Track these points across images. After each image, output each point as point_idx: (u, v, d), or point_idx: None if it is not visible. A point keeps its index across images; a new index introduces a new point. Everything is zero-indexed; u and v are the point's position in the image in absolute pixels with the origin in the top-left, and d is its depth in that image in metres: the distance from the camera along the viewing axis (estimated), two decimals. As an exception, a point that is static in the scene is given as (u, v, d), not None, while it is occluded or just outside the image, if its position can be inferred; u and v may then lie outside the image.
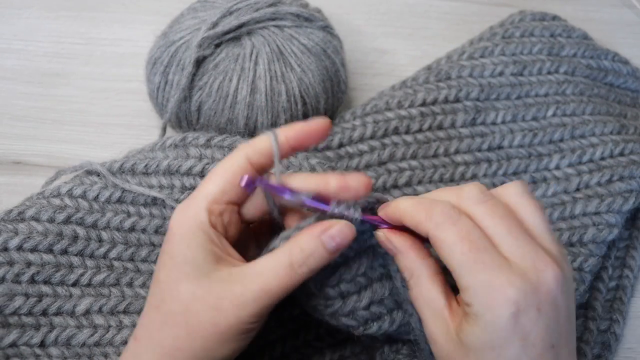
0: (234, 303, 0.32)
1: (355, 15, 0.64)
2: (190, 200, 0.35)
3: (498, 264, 0.30)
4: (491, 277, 0.30)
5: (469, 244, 0.31)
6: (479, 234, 0.31)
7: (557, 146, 0.52)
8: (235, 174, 0.34)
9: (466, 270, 0.31)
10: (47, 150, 0.54)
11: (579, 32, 0.57)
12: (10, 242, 0.40)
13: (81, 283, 0.42)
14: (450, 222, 0.31)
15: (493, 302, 0.30)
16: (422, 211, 0.32)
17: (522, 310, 0.30)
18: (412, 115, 0.51)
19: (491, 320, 0.30)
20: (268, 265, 0.33)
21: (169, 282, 0.33)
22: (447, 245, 0.31)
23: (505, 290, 0.30)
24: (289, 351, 0.44)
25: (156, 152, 0.45)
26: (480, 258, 0.30)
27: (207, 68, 0.48)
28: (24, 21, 0.61)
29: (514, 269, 0.30)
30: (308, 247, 0.33)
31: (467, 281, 0.31)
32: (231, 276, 0.33)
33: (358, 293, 0.37)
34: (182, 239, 0.33)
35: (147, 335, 0.34)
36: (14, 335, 0.39)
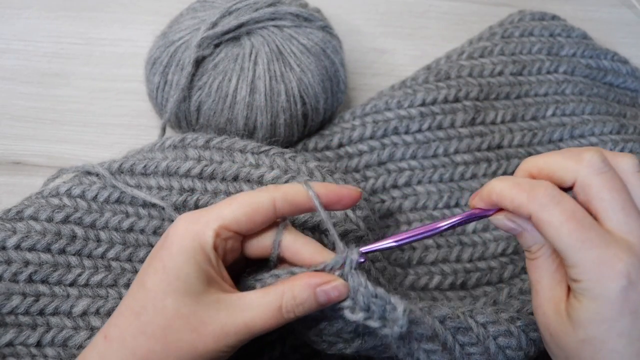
0: (216, 331, 0.32)
1: (354, 15, 0.64)
2: (200, 216, 0.34)
3: (606, 240, 0.31)
4: (600, 253, 0.30)
5: (575, 223, 0.31)
6: (583, 212, 0.32)
7: (557, 146, 0.52)
8: (256, 211, 0.34)
9: (575, 248, 0.31)
10: (47, 150, 0.54)
11: (578, 32, 0.57)
12: (8, 241, 0.40)
13: (79, 283, 0.42)
14: (554, 202, 0.32)
15: (603, 277, 0.30)
16: (523, 192, 0.32)
17: (632, 284, 0.30)
18: (412, 115, 0.51)
19: (602, 294, 0.30)
20: (257, 302, 0.33)
21: (156, 292, 0.33)
22: (554, 226, 0.31)
23: (615, 264, 0.30)
24: (289, 351, 0.44)
25: (155, 152, 0.45)
26: (588, 236, 0.31)
27: (206, 68, 0.48)
28: (24, 21, 0.61)
29: (620, 244, 0.31)
30: (300, 296, 0.33)
31: (576, 259, 0.31)
32: (219, 303, 0.33)
33: (344, 342, 0.36)
34: (181, 252, 0.33)
35: (120, 338, 0.33)
36: (10, 335, 0.39)
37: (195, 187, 0.43)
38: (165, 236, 0.34)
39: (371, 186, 0.49)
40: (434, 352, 0.36)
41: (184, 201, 0.43)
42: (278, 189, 0.35)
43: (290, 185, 0.35)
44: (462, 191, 0.50)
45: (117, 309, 0.34)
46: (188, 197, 0.43)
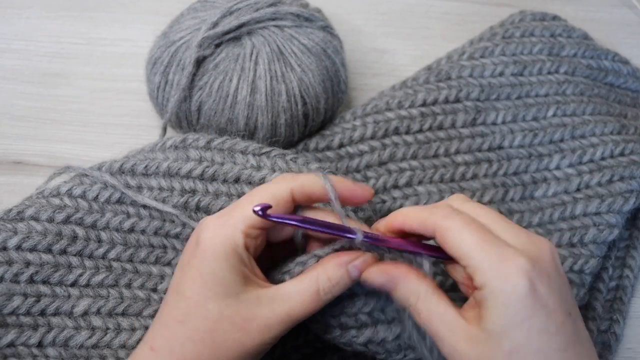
0: (260, 326, 0.33)
1: (355, 15, 0.64)
2: (228, 218, 0.35)
3: (503, 242, 0.32)
4: (500, 251, 0.31)
5: (475, 226, 0.33)
6: (480, 222, 0.33)
7: (558, 146, 0.51)
8: (277, 204, 0.35)
9: (477, 249, 0.32)
10: (47, 150, 0.54)
11: (579, 32, 0.57)
12: (9, 241, 0.40)
13: (80, 283, 0.42)
14: (455, 213, 0.34)
15: (508, 274, 0.31)
16: (426, 210, 0.34)
17: (536, 278, 0.31)
18: (413, 115, 0.51)
19: (511, 293, 0.30)
20: (295, 291, 0.34)
21: (196, 299, 0.33)
22: (456, 230, 0.33)
23: (516, 260, 0.31)
24: (289, 351, 0.44)
25: (156, 152, 0.45)
26: (487, 238, 0.32)
27: (207, 68, 0.48)
28: (24, 21, 0.61)
29: (515, 246, 0.32)
30: (335, 276, 0.34)
31: (479, 260, 0.32)
32: (259, 299, 0.34)
33: (358, 329, 0.37)
34: (214, 257, 0.34)
35: (167, 348, 0.34)
36: (11, 335, 0.39)
37: (197, 189, 0.43)
38: (196, 244, 0.34)
39: (372, 186, 0.49)
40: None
41: (185, 202, 0.43)
42: (295, 179, 0.36)
43: (307, 176, 0.36)
44: (463, 191, 0.50)
45: (157, 321, 0.35)
46: (189, 199, 0.43)
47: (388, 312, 0.37)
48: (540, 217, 0.49)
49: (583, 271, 0.45)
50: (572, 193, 0.49)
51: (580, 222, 0.48)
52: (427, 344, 0.36)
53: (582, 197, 0.49)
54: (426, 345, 0.36)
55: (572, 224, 0.48)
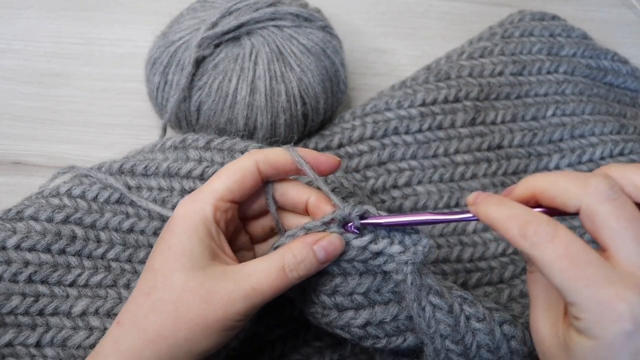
0: (224, 299, 0.33)
1: (354, 15, 0.64)
2: (197, 195, 0.36)
3: (605, 276, 0.28)
4: (597, 292, 0.28)
5: (569, 260, 0.28)
6: (581, 246, 0.29)
7: (557, 146, 0.51)
8: (244, 177, 0.36)
9: (569, 288, 0.28)
10: (47, 151, 0.54)
11: (578, 32, 0.57)
12: (8, 241, 0.40)
13: (78, 283, 0.42)
14: (547, 239, 0.29)
15: (602, 318, 0.27)
16: (515, 226, 0.30)
17: (637, 327, 0.27)
18: (412, 115, 0.51)
19: (600, 335, 0.28)
20: (261, 266, 0.34)
21: (163, 271, 0.34)
22: (546, 264, 0.29)
23: (615, 305, 0.27)
24: (289, 351, 0.44)
25: (156, 153, 0.45)
26: (583, 274, 0.28)
27: (206, 68, 0.48)
28: (24, 21, 0.61)
29: (626, 281, 0.28)
30: (300, 254, 0.35)
31: (572, 299, 0.28)
32: (225, 273, 0.34)
33: (355, 310, 0.37)
34: (184, 230, 0.34)
35: (132, 320, 0.34)
36: (10, 335, 0.39)
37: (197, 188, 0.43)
38: (170, 220, 0.36)
39: (371, 186, 0.49)
40: (440, 308, 0.36)
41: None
42: (259, 152, 0.36)
43: (271, 149, 0.37)
44: (462, 191, 0.50)
45: (130, 297, 0.35)
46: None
47: (384, 293, 0.37)
48: (539, 216, 0.49)
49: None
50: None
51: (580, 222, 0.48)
52: (426, 317, 0.36)
53: (582, 196, 0.49)
54: (425, 318, 0.36)
55: (572, 224, 0.48)
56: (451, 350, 0.36)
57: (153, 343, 0.33)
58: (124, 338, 0.34)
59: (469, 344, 0.37)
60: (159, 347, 0.33)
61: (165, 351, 0.33)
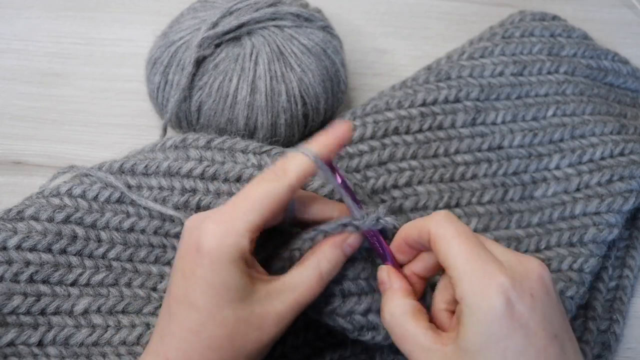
0: (275, 319, 0.34)
1: (355, 15, 0.64)
2: (230, 225, 0.34)
3: (490, 257, 0.32)
4: (485, 266, 0.31)
5: (465, 238, 0.33)
6: (473, 233, 0.34)
7: (557, 146, 0.51)
8: (280, 206, 0.35)
9: (462, 259, 0.32)
10: (47, 150, 0.54)
11: (579, 32, 0.57)
12: (9, 241, 0.40)
13: (80, 283, 0.42)
14: (449, 222, 0.34)
15: (487, 290, 0.31)
16: (422, 219, 0.35)
17: (516, 298, 0.30)
18: (412, 115, 0.51)
19: (487, 310, 0.30)
20: (300, 279, 0.36)
21: (210, 308, 0.33)
22: (446, 239, 0.33)
23: (497, 277, 0.31)
24: (289, 351, 0.44)
25: (156, 152, 0.45)
26: (475, 250, 0.32)
27: (207, 68, 0.48)
28: (24, 21, 0.61)
29: (503, 264, 0.32)
30: (333, 257, 0.36)
31: (462, 270, 0.32)
32: (269, 294, 0.35)
33: (358, 296, 0.38)
34: (225, 267, 0.33)
35: (184, 358, 0.34)
36: (12, 335, 0.39)
37: (197, 188, 0.43)
38: (197, 251, 0.34)
39: (372, 186, 0.49)
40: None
41: (186, 201, 0.43)
42: (289, 172, 0.35)
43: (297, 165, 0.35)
44: (463, 191, 0.50)
45: (167, 333, 0.34)
46: (190, 198, 0.43)
47: None
48: (540, 216, 0.49)
49: (583, 270, 0.45)
50: (571, 193, 0.49)
51: (580, 222, 0.48)
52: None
53: (582, 196, 0.49)
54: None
55: (572, 224, 0.48)
56: None
57: None
58: None
59: None
60: None
61: None
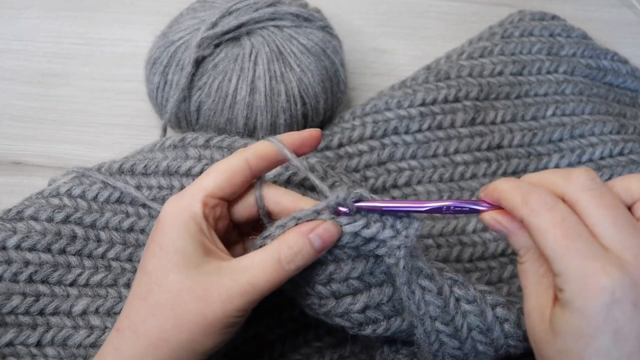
0: (222, 296, 0.33)
1: (354, 15, 0.64)
2: (185, 192, 0.35)
3: (593, 251, 0.30)
4: (585, 263, 0.29)
5: (563, 230, 0.30)
6: (576, 220, 0.31)
7: (557, 146, 0.52)
8: (234, 174, 0.35)
9: (559, 256, 0.30)
10: (47, 150, 0.54)
11: (578, 32, 0.57)
12: (8, 241, 0.40)
13: (79, 283, 0.42)
14: (546, 208, 0.31)
15: (585, 289, 0.29)
16: (519, 195, 0.32)
17: (617, 302, 0.29)
18: (412, 115, 0.51)
19: (582, 307, 0.29)
20: (257, 260, 0.34)
21: (157, 272, 0.33)
22: (541, 231, 0.31)
23: (599, 278, 0.29)
24: (289, 351, 0.44)
25: (155, 152, 0.45)
26: (574, 245, 0.30)
27: (206, 68, 0.48)
28: (24, 21, 0.61)
29: (611, 259, 0.29)
30: (296, 244, 0.34)
31: (560, 267, 0.30)
32: (220, 269, 0.33)
33: (353, 295, 0.37)
34: (174, 228, 0.34)
35: (131, 326, 0.34)
36: (10, 335, 0.40)
37: None
38: (158, 220, 0.35)
39: (371, 186, 0.49)
40: (429, 291, 0.36)
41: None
42: (247, 149, 0.36)
43: (258, 143, 0.36)
44: (462, 191, 0.50)
45: (126, 302, 0.35)
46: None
47: (377, 275, 0.37)
48: (539, 216, 0.49)
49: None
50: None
51: None
52: (416, 299, 0.36)
53: (581, 196, 0.49)
54: (415, 300, 0.36)
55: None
56: (441, 331, 0.37)
57: (154, 347, 0.33)
58: (125, 345, 0.33)
59: (460, 326, 0.37)
60: (161, 350, 0.33)
61: (168, 354, 0.33)
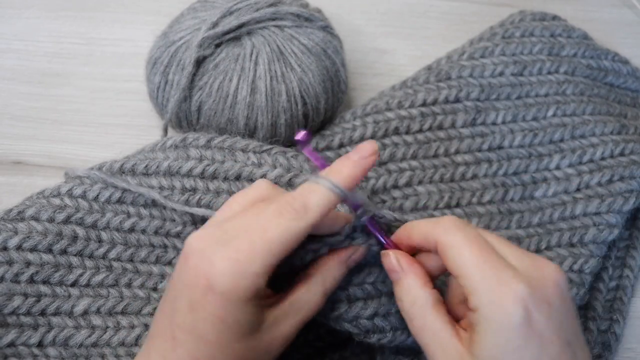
0: (282, 342, 0.34)
1: (355, 15, 0.64)
2: (246, 267, 0.32)
3: (504, 264, 0.31)
4: (499, 274, 0.30)
5: (477, 245, 0.32)
6: (484, 239, 0.32)
7: (558, 146, 0.51)
8: (295, 242, 0.33)
9: (474, 269, 0.31)
10: (47, 150, 0.54)
11: (579, 32, 0.57)
12: (9, 241, 0.40)
13: (80, 283, 0.42)
14: (457, 228, 0.33)
15: (503, 300, 0.30)
16: (430, 222, 0.34)
17: (533, 306, 0.29)
18: (413, 115, 0.51)
19: (504, 321, 0.29)
20: (306, 299, 0.35)
21: (221, 343, 0.32)
22: (456, 247, 0.32)
23: (514, 286, 0.30)
24: (289, 351, 0.44)
25: (156, 152, 0.45)
26: (488, 258, 0.31)
27: (207, 68, 0.48)
28: (24, 21, 0.61)
29: (518, 270, 0.31)
30: (339, 274, 0.36)
31: (475, 280, 0.31)
32: (277, 320, 0.34)
33: (364, 300, 0.38)
34: (237, 306, 0.32)
35: None
36: (12, 335, 0.39)
37: (197, 187, 0.43)
38: (208, 287, 0.32)
39: (372, 186, 0.49)
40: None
41: (186, 201, 0.43)
42: (310, 212, 0.32)
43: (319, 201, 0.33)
44: (463, 191, 0.50)
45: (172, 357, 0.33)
46: (190, 197, 0.43)
47: (388, 284, 0.38)
48: (540, 217, 0.49)
49: (583, 271, 0.45)
50: (572, 193, 0.49)
51: (580, 222, 0.48)
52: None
53: (582, 197, 0.49)
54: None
55: (572, 224, 0.48)
56: None
57: None
58: None
59: None
60: None
61: None
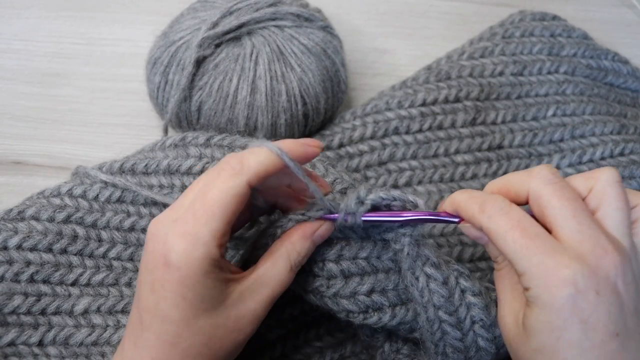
0: (250, 318, 0.34)
1: (355, 15, 0.64)
2: (194, 238, 0.32)
3: (551, 247, 0.31)
4: (545, 259, 0.31)
5: (521, 231, 0.32)
6: (531, 221, 0.32)
7: (557, 146, 0.52)
8: (239, 203, 0.33)
9: (520, 255, 0.31)
10: (47, 150, 0.54)
11: (579, 32, 0.57)
12: (9, 241, 0.40)
13: (80, 283, 0.42)
14: (501, 213, 0.33)
15: (549, 283, 0.30)
16: (475, 204, 0.34)
17: (580, 292, 0.30)
18: (412, 115, 0.51)
19: (548, 301, 0.30)
20: (271, 274, 0.35)
21: (185, 320, 0.33)
22: (500, 234, 0.32)
23: (560, 270, 0.30)
24: (289, 351, 0.44)
25: (156, 151, 0.45)
26: (533, 243, 0.31)
27: (207, 68, 0.48)
28: (24, 21, 0.61)
29: (569, 252, 0.31)
30: (303, 249, 0.36)
31: (522, 266, 0.31)
32: (242, 295, 0.34)
33: (361, 276, 0.38)
34: (197, 280, 0.32)
35: None
36: (12, 334, 0.39)
37: None
38: (165, 265, 0.32)
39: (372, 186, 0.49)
40: (434, 279, 0.37)
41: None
42: (247, 168, 0.33)
43: (254, 154, 0.34)
44: (463, 191, 0.50)
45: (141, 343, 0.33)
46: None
47: (384, 261, 0.38)
48: (540, 216, 0.49)
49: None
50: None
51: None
52: (420, 286, 0.37)
53: (582, 196, 0.49)
54: (418, 287, 0.37)
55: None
56: (444, 320, 0.37)
57: None
58: None
59: (463, 317, 0.37)
60: None
61: None
